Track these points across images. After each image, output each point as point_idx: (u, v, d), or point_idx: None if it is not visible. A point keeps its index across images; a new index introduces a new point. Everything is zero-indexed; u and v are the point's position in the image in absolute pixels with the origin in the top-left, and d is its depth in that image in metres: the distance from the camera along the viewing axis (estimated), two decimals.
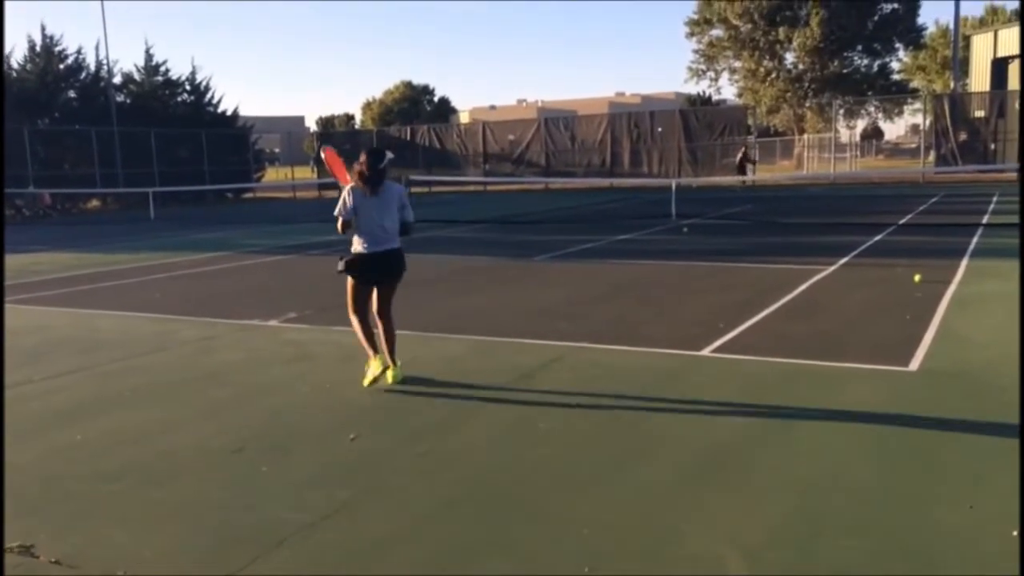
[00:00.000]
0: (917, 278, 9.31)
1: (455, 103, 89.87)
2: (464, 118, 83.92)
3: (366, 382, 5.84)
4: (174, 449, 4.81)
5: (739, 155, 32.48)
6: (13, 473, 4.49)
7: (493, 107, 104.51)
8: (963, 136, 31.96)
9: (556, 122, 39.84)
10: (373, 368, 5.84)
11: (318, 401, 5.70)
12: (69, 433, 5.13)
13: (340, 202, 5.93)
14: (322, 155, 6.57)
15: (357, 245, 5.99)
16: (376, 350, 5.95)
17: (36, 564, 3.44)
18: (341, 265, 6.00)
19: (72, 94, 36.93)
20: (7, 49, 35.16)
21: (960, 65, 43.84)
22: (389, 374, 5.95)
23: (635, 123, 37.13)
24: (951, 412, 5.01)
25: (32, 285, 11.93)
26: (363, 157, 5.91)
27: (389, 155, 6.05)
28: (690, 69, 51.66)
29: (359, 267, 6.01)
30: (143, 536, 3.68)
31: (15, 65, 35.43)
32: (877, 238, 13.88)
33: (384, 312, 6.11)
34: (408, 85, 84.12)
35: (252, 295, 10.42)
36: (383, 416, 5.31)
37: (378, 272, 6.05)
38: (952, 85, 43.12)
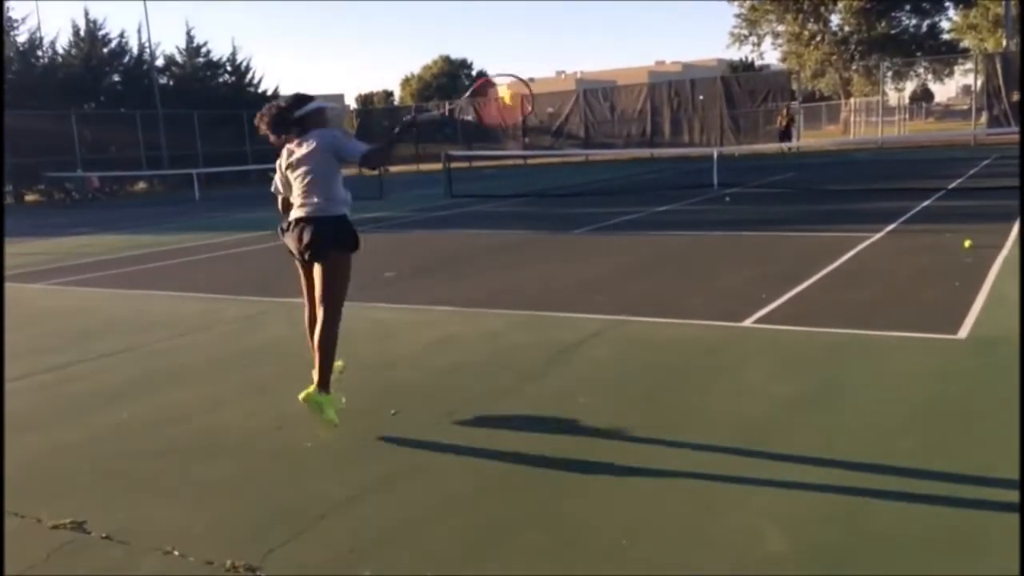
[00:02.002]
0: (967, 244, 9.08)
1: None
2: (503, 92, 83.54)
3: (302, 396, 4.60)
4: (219, 426, 4.89)
5: (782, 120, 31.91)
6: (64, 452, 4.61)
7: (532, 80, 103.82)
8: (1016, 96, 30.96)
9: (595, 93, 39.50)
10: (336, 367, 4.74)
11: (358, 377, 5.74)
12: (117, 412, 5.25)
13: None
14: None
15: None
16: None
17: (87, 540, 3.54)
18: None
19: (116, 78, 37.56)
20: (53, 34, 35.69)
21: (1013, 23, 42.39)
22: (305, 393, 4.55)
23: (675, 92, 36.66)
24: (1001, 381, 4.88)
25: (81, 267, 12.20)
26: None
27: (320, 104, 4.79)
28: (732, 34, 50.68)
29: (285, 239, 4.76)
30: (189, 512, 3.76)
31: (60, 51, 36.09)
32: (926, 203, 13.55)
33: (320, 303, 4.67)
34: (446, 60, 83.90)
35: (293, 274, 10.47)
36: (423, 392, 5.34)
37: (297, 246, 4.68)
38: (1004, 43, 41.73)
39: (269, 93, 42.02)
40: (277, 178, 4.86)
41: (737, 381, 5.18)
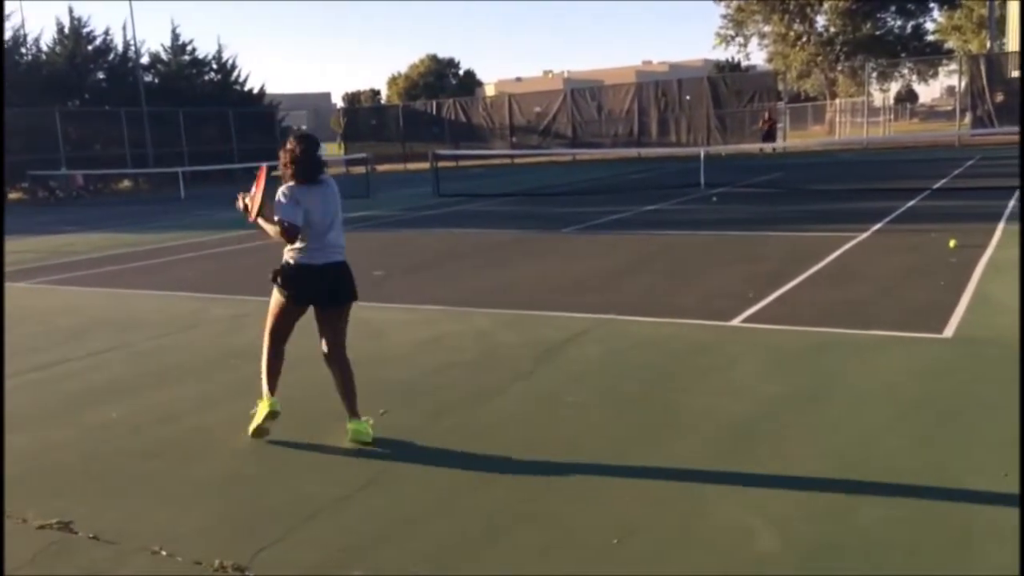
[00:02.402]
0: (952, 243, 9.15)
1: (481, 76, 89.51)
2: (490, 91, 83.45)
3: (251, 428, 4.54)
4: (208, 425, 4.87)
5: (763, 123, 32.08)
6: (52, 450, 4.58)
7: (519, 79, 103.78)
8: (1000, 97, 31.20)
9: (583, 93, 39.50)
10: (262, 411, 4.50)
11: None
12: (105, 411, 5.21)
13: (283, 204, 4.47)
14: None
15: (298, 253, 4.53)
16: (273, 389, 4.60)
17: (75, 540, 3.51)
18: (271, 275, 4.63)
19: (101, 75, 37.26)
20: (36, 31, 35.40)
21: (997, 24, 42.74)
22: (351, 427, 4.50)
23: (662, 92, 36.70)
24: (986, 380, 4.93)
25: (66, 266, 12.11)
26: (293, 143, 4.54)
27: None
28: (718, 35, 50.84)
29: (297, 282, 4.56)
30: (179, 512, 3.74)
31: (44, 48, 35.80)
32: (911, 203, 13.64)
33: (337, 354, 4.68)
34: (433, 59, 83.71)
35: None
36: (412, 391, 5.33)
37: (322, 291, 4.58)
38: (988, 45, 42.06)
39: (255, 91, 41.83)
40: (297, 213, 4.41)
41: (725, 380, 5.20)
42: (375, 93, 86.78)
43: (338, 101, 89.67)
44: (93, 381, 5.96)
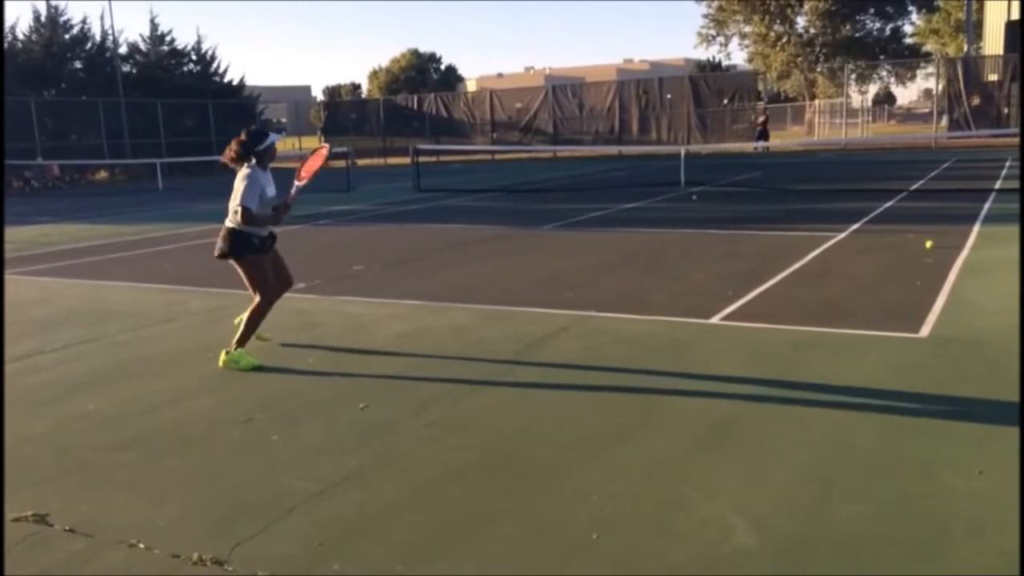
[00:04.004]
0: (928, 244, 9.25)
1: (462, 71, 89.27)
2: (471, 86, 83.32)
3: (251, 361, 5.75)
4: (184, 419, 4.83)
5: (756, 119, 32.33)
6: (26, 443, 4.53)
7: (500, 75, 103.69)
8: (976, 100, 31.58)
9: (564, 89, 39.53)
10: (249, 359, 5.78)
11: (326, 371, 5.71)
12: (81, 403, 5.16)
13: (254, 189, 5.60)
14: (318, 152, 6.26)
15: (259, 228, 5.77)
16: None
17: (50, 532, 3.48)
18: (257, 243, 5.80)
19: (78, 65, 36.81)
20: (12, 20, 34.95)
21: (974, 28, 43.22)
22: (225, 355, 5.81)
23: (643, 90, 36.83)
24: (961, 378, 4.99)
25: (41, 256, 11.97)
26: (245, 136, 5.72)
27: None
28: (699, 34, 51.22)
29: (265, 249, 5.91)
30: (155, 505, 3.71)
31: (20, 36, 35.31)
32: (888, 204, 13.77)
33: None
34: (415, 53, 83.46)
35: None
36: (391, 386, 5.32)
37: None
38: (965, 49, 42.53)
39: (235, 83, 41.51)
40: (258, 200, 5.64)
41: (704, 376, 5.23)
42: (356, 87, 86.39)
43: (318, 94, 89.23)
44: (69, 373, 5.90)
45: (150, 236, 13.99)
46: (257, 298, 5.85)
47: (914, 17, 53.04)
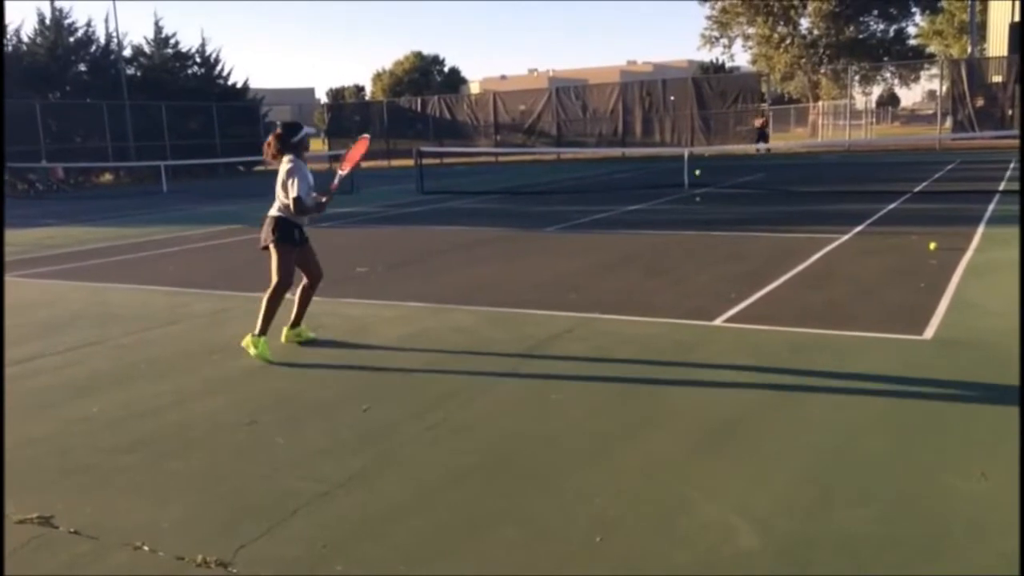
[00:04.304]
0: (932, 246, 9.24)
1: (465, 73, 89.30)
2: (475, 88, 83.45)
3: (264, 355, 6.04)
4: (188, 421, 4.85)
5: (757, 121, 32.32)
6: (30, 446, 4.55)
7: (504, 77, 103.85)
8: (980, 102, 31.54)
9: (567, 91, 39.56)
10: (264, 347, 6.08)
11: (330, 373, 5.73)
12: (85, 405, 5.18)
13: (307, 181, 6.10)
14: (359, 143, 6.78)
15: (297, 216, 6.21)
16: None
17: (55, 534, 3.49)
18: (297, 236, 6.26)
19: (83, 67, 36.89)
20: (16, 23, 35.07)
21: (977, 29, 43.15)
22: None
23: (647, 92, 36.84)
24: (965, 381, 4.99)
25: (45, 259, 12.00)
26: (281, 130, 6.27)
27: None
28: (703, 36, 51.17)
29: (301, 242, 6.36)
30: (159, 507, 3.72)
31: (25, 39, 35.41)
32: (892, 206, 13.76)
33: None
34: (418, 55, 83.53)
35: (264, 268, 10.42)
36: (395, 387, 5.33)
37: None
38: (969, 50, 42.48)
39: (239, 86, 41.59)
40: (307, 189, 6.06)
41: (707, 379, 5.23)
42: (359, 89, 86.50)
43: (322, 97, 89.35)
44: (73, 375, 5.92)
45: (154, 239, 14.02)
46: (274, 283, 6.19)
47: (918, 18, 53.04)
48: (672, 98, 36.03)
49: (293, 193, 5.97)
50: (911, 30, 51.94)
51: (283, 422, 4.74)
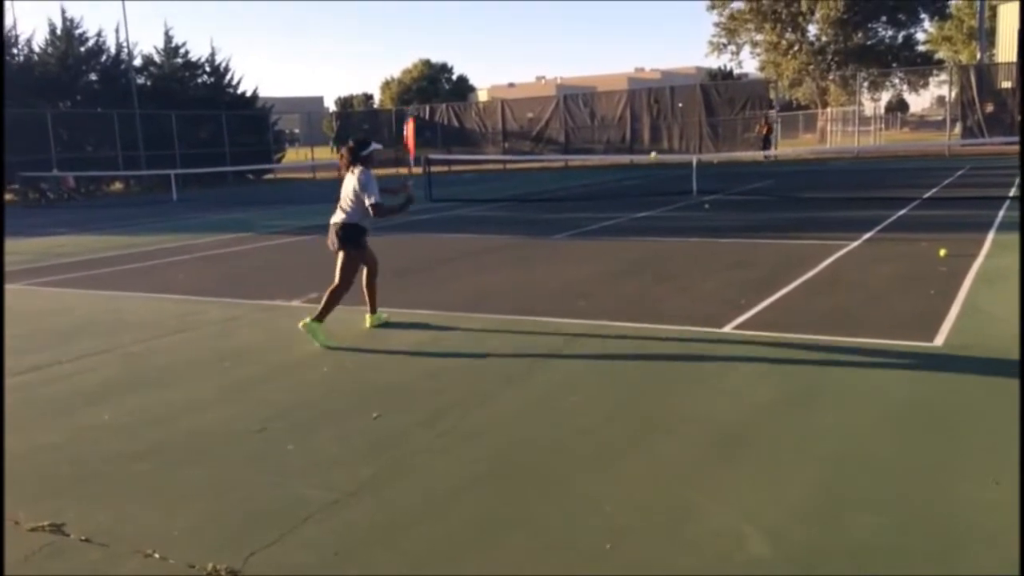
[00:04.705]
0: (942, 252, 9.21)
1: (473, 81, 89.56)
2: (483, 96, 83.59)
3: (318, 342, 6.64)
4: (199, 429, 4.86)
5: (761, 128, 32.23)
6: (42, 453, 4.57)
7: (512, 85, 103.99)
8: (990, 108, 31.43)
9: (575, 99, 39.58)
10: (320, 331, 6.71)
11: (340, 380, 5.74)
12: (97, 413, 5.20)
13: (374, 186, 6.77)
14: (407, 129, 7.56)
15: (368, 221, 6.91)
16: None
17: (67, 542, 3.51)
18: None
19: (93, 77, 37.17)
20: (28, 32, 35.31)
21: (987, 35, 43.05)
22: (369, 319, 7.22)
23: (655, 99, 36.84)
24: (976, 388, 4.97)
25: (56, 267, 12.07)
26: (353, 144, 7.04)
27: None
28: (711, 43, 51.08)
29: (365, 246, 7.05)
30: (171, 514, 3.73)
31: (36, 49, 35.68)
32: (901, 212, 13.72)
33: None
34: (426, 63, 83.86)
35: (274, 275, 10.50)
36: (405, 395, 5.33)
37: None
38: (978, 56, 42.36)
39: (248, 95, 41.78)
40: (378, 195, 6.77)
41: (717, 386, 5.22)
42: (368, 97, 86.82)
43: (331, 105, 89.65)
44: (84, 383, 5.95)
45: (164, 247, 14.08)
46: (337, 281, 6.79)
47: (926, 24, 52.83)
48: (680, 105, 36.02)
49: (372, 200, 6.66)
50: (920, 36, 51.86)
51: (294, 429, 4.75)
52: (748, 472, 3.91)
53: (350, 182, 6.81)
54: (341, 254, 6.83)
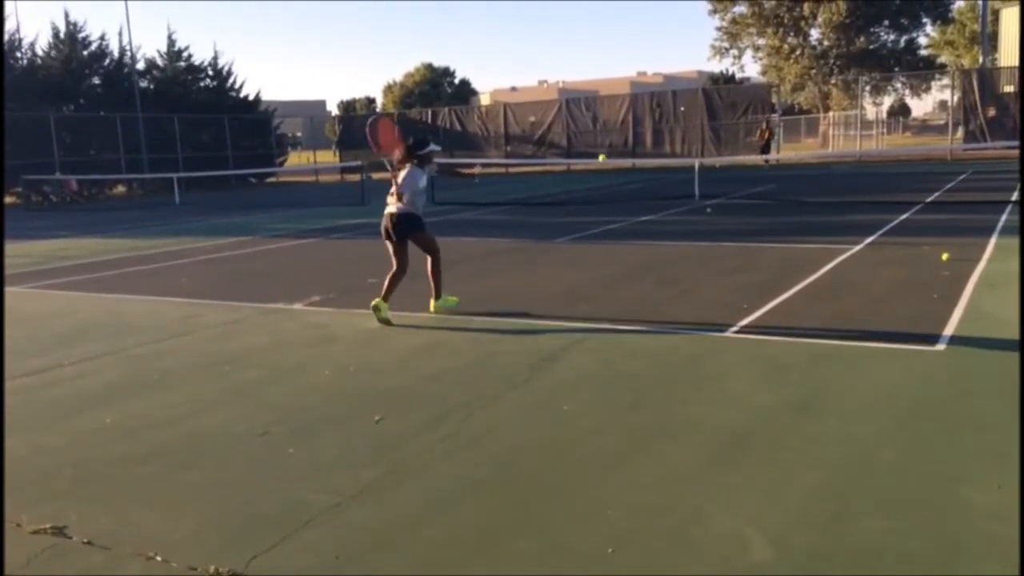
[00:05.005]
0: (945, 257, 9.20)
1: (476, 85, 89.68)
2: (485, 100, 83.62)
3: (379, 318, 7.39)
4: (201, 432, 4.86)
5: (763, 134, 32.20)
6: (45, 456, 4.57)
7: (514, 88, 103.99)
8: (992, 112, 31.43)
9: (577, 103, 39.60)
10: (383, 307, 7.42)
11: (342, 384, 5.74)
12: (99, 416, 5.20)
13: (415, 185, 7.46)
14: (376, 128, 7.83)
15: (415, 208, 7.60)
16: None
17: (68, 545, 3.50)
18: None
19: (96, 80, 37.26)
20: (31, 36, 35.43)
21: (989, 39, 43.05)
22: (435, 303, 7.84)
23: (657, 103, 36.87)
24: (979, 392, 4.96)
25: (59, 270, 12.08)
26: (411, 143, 7.68)
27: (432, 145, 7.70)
28: (713, 47, 51.08)
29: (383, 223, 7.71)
30: (172, 517, 3.73)
31: (40, 52, 35.77)
32: (904, 217, 13.71)
33: (429, 258, 7.87)
34: (429, 67, 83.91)
35: (276, 279, 10.50)
36: (407, 399, 5.33)
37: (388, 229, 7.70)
38: (980, 60, 42.36)
39: (251, 98, 41.84)
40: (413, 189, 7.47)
41: (719, 390, 5.22)
42: (370, 101, 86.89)
43: (333, 109, 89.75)
44: (86, 386, 5.95)
45: (167, 250, 14.09)
46: (431, 257, 7.63)
47: (929, 29, 52.83)
48: (682, 109, 36.03)
49: (406, 198, 7.41)
50: (922, 40, 51.81)
51: (296, 433, 4.75)
52: (751, 476, 3.90)
53: (402, 175, 7.46)
54: (418, 236, 7.57)
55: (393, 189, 7.51)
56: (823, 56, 48.27)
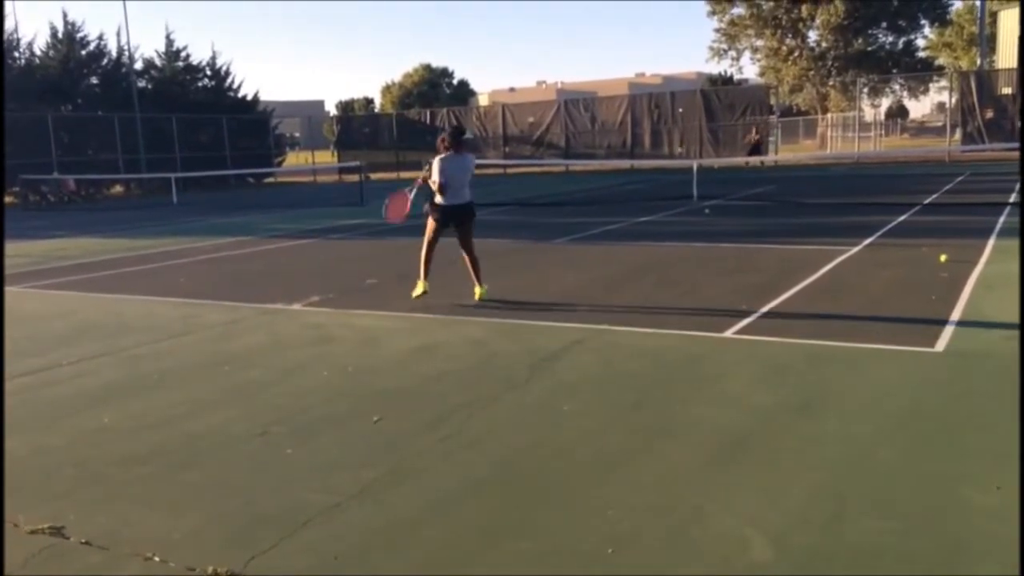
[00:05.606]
0: (943, 258, 9.21)
1: (474, 85, 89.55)
2: (483, 100, 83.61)
3: (414, 294, 8.25)
4: (200, 432, 4.85)
5: (751, 139, 32.22)
6: (43, 456, 4.56)
7: (512, 89, 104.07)
8: (990, 114, 31.46)
9: (576, 104, 39.61)
10: (420, 288, 8.22)
11: (341, 384, 5.73)
12: (97, 416, 5.19)
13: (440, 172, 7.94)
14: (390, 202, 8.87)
15: (443, 198, 8.09)
16: (426, 276, 8.27)
17: (66, 545, 3.50)
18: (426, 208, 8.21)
19: (94, 80, 37.23)
20: (29, 36, 35.47)
21: (987, 41, 43.11)
22: (477, 291, 8.25)
23: (656, 104, 36.88)
24: (977, 393, 4.96)
25: (57, 270, 12.06)
26: (449, 131, 8.22)
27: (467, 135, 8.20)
28: (711, 48, 51.12)
29: (442, 213, 8.18)
30: (171, 518, 3.72)
31: (38, 52, 35.73)
32: (902, 218, 13.72)
33: (467, 251, 8.36)
34: (427, 68, 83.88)
35: (275, 279, 10.49)
36: (406, 399, 5.33)
37: (453, 219, 8.21)
38: (979, 62, 42.42)
39: (249, 98, 41.81)
40: (443, 174, 7.98)
41: (718, 391, 5.22)
42: (369, 101, 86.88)
43: (331, 109, 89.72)
44: (85, 386, 5.94)
45: (165, 250, 14.08)
46: (473, 251, 8.31)
47: (927, 31, 52.94)
48: (681, 110, 36.05)
49: (440, 181, 7.96)
50: (920, 42, 51.90)
51: (295, 433, 4.74)
52: (751, 476, 3.90)
53: (461, 164, 8.07)
54: (472, 223, 8.25)
55: (441, 180, 7.94)
56: (821, 58, 48.33)
